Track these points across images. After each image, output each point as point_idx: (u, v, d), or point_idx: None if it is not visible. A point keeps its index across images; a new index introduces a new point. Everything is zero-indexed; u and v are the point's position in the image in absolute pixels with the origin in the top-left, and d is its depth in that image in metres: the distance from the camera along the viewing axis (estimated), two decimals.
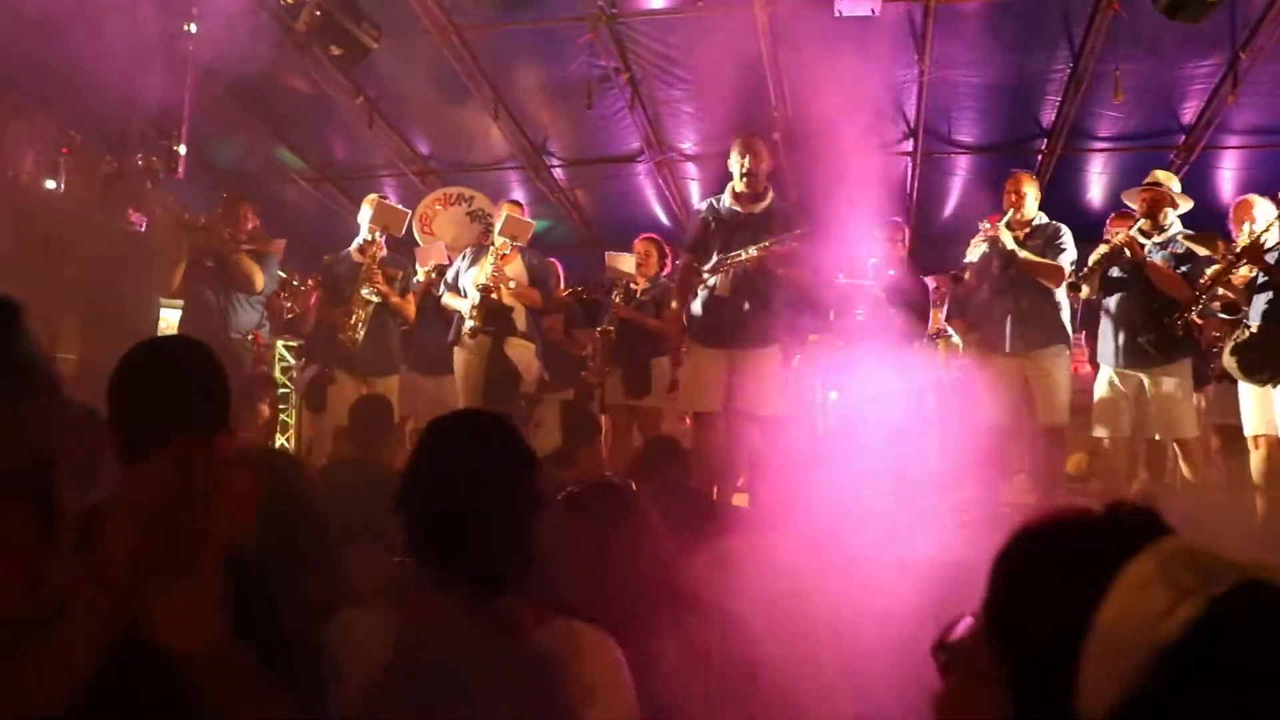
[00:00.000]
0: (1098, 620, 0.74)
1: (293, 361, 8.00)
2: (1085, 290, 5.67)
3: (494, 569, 1.66)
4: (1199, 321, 5.42)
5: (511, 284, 6.24)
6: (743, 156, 5.48)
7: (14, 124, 5.93)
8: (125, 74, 6.00)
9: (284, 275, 6.95)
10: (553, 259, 7.74)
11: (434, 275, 6.79)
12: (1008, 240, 5.55)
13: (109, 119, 6.65)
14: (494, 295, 6.14)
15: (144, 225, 6.39)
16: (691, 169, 9.17)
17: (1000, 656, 0.80)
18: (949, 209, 9.50)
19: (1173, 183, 5.66)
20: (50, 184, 6.30)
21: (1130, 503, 0.82)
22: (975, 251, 5.71)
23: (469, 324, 6.13)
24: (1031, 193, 5.77)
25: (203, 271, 6.01)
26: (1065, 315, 5.72)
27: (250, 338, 6.32)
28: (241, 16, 6.93)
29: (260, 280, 6.20)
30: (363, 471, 4.21)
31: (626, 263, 7.03)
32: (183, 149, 6.55)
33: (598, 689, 1.62)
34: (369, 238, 6.38)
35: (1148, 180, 5.64)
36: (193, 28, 6.51)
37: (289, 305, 7.04)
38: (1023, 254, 5.53)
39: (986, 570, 0.87)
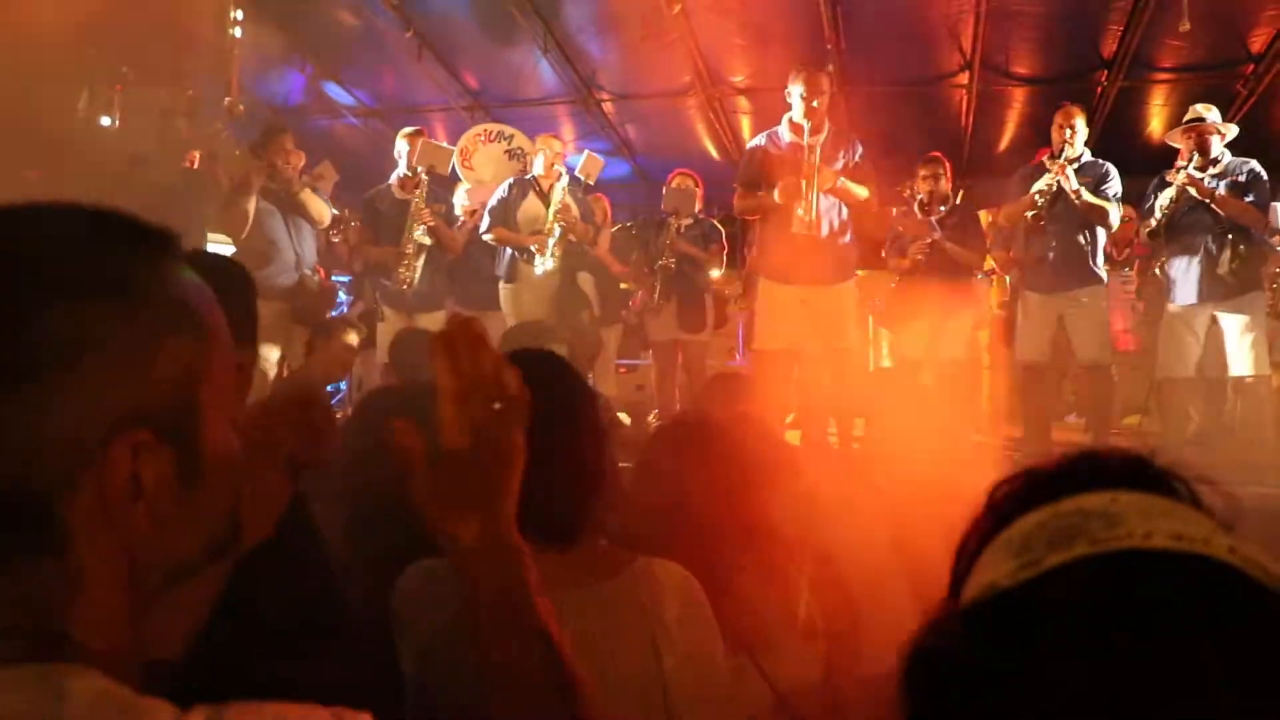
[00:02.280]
0: (974, 567, 0.66)
1: (344, 297, 8.08)
2: (1154, 233, 5.58)
3: (567, 514, 1.60)
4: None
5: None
6: (808, 91, 5.36)
7: (70, 61, 5.98)
8: (176, 10, 6.02)
9: (335, 211, 6.99)
10: (600, 194, 7.74)
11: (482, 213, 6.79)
12: (1073, 180, 5.43)
13: (161, 55, 6.68)
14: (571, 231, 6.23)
15: (196, 161, 6.45)
16: (743, 102, 9.04)
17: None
18: (1005, 142, 9.31)
19: (1212, 113, 5.52)
20: (105, 121, 6.37)
21: (1113, 450, 0.67)
22: (1047, 190, 5.55)
23: (548, 260, 6.18)
24: (1082, 127, 5.64)
25: (270, 207, 5.99)
26: (1100, 254, 5.64)
27: (315, 274, 6.36)
28: None
29: (327, 214, 6.25)
30: (403, 398, 4.23)
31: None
32: (235, 84, 6.60)
33: (686, 624, 1.59)
34: (409, 174, 6.36)
35: (1189, 117, 5.52)
36: None
37: (339, 241, 7.10)
38: (1086, 195, 5.42)
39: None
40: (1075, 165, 5.52)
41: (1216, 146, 5.37)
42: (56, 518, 0.72)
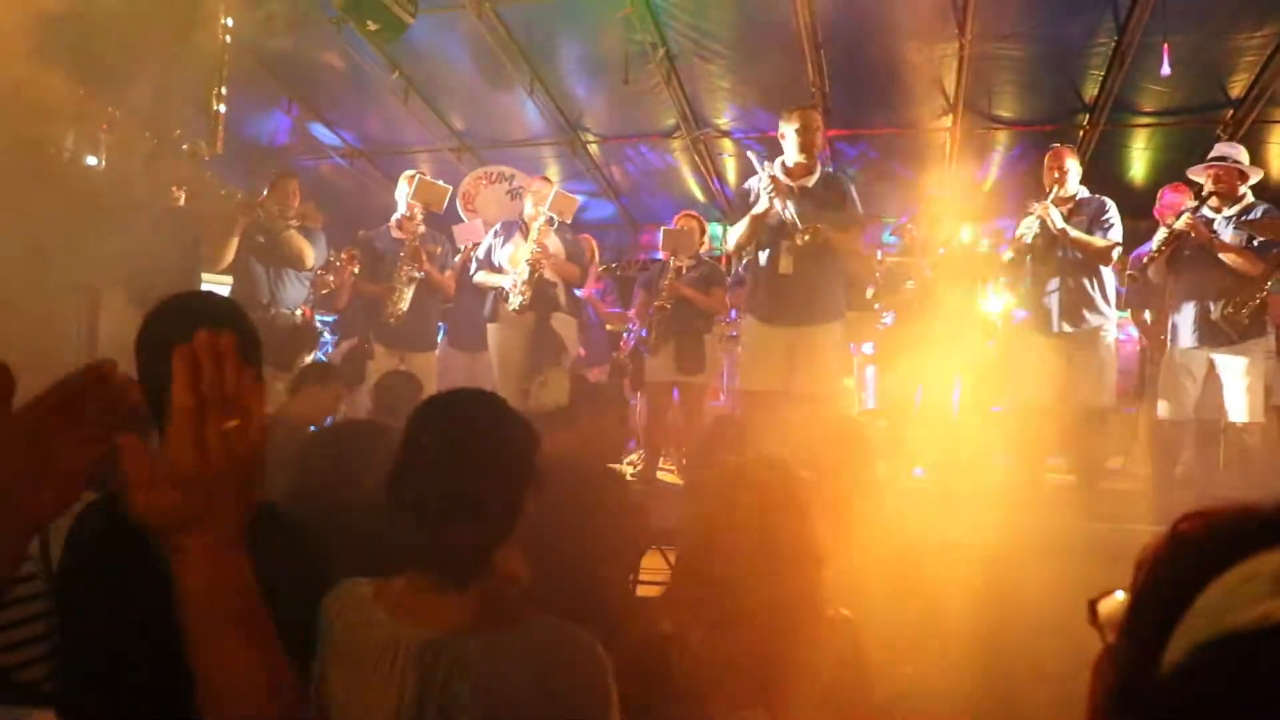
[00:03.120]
0: (1197, 601, 0.68)
1: (329, 336, 8.05)
2: (1152, 273, 5.56)
3: (469, 560, 1.62)
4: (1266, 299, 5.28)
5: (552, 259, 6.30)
6: (802, 129, 5.39)
7: (56, 101, 5.96)
8: (164, 51, 6.02)
9: (328, 253, 6.99)
10: (587, 235, 7.75)
11: (472, 253, 6.81)
12: (1057, 219, 5.45)
13: (148, 95, 6.67)
14: (540, 271, 6.19)
15: (183, 200, 6.44)
16: (727, 145, 9.09)
17: (1124, 629, 0.76)
18: (989, 185, 9.39)
19: (1239, 154, 5.50)
20: (91, 160, 6.34)
21: None
22: (1028, 232, 5.58)
23: (516, 299, 6.16)
24: (1074, 167, 5.66)
25: (253, 247, 6.07)
26: (1110, 293, 5.63)
27: (300, 313, 6.36)
28: None
29: (310, 255, 6.27)
30: (372, 433, 4.20)
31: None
32: (220, 125, 6.59)
33: (574, 694, 1.57)
34: (408, 214, 6.40)
35: (1213, 155, 5.51)
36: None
37: (330, 280, 7.09)
38: (1073, 233, 5.43)
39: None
40: (1070, 204, 5.53)
41: (1239, 188, 5.35)
42: None
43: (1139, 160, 8.64)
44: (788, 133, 5.43)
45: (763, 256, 5.55)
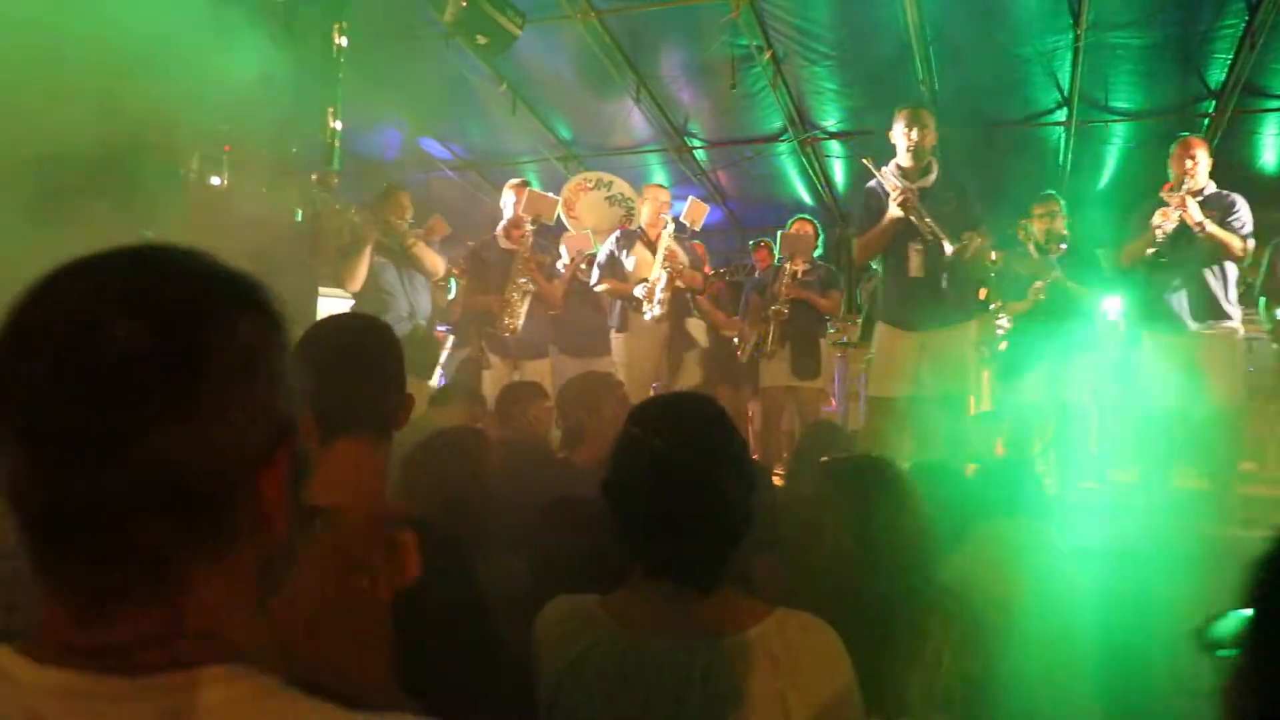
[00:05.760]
0: None
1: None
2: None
3: (712, 564, 1.59)
4: None
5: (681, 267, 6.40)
6: (909, 129, 5.26)
7: (181, 124, 6.18)
8: (280, 68, 6.20)
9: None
10: (698, 241, 7.74)
11: (581, 262, 6.83)
12: (1196, 212, 5.20)
13: (265, 115, 6.89)
14: (676, 278, 6.25)
15: (301, 217, 6.61)
16: (835, 147, 9.00)
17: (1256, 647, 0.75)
18: (1105, 180, 9.10)
19: None
20: (215, 180, 6.56)
21: None
22: (1169, 225, 5.33)
23: (655, 308, 6.22)
24: (1204, 159, 5.41)
25: (386, 262, 6.14)
26: (1234, 290, 5.37)
27: (429, 324, 6.46)
28: (390, 9, 7.12)
29: (442, 266, 6.37)
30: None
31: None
32: (337, 143, 6.77)
33: (820, 681, 1.55)
34: (518, 224, 6.44)
35: None
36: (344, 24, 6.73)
37: (443, 289, 7.21)
38: (1210, 227, 5.18)
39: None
40: (1199, 198, 5.30)
41: None
42: (230, 522, 0.76)
43: (1271, 147, 8.26)
44: (896, 132, 5.31)
45: (890, 261, 5.41)
